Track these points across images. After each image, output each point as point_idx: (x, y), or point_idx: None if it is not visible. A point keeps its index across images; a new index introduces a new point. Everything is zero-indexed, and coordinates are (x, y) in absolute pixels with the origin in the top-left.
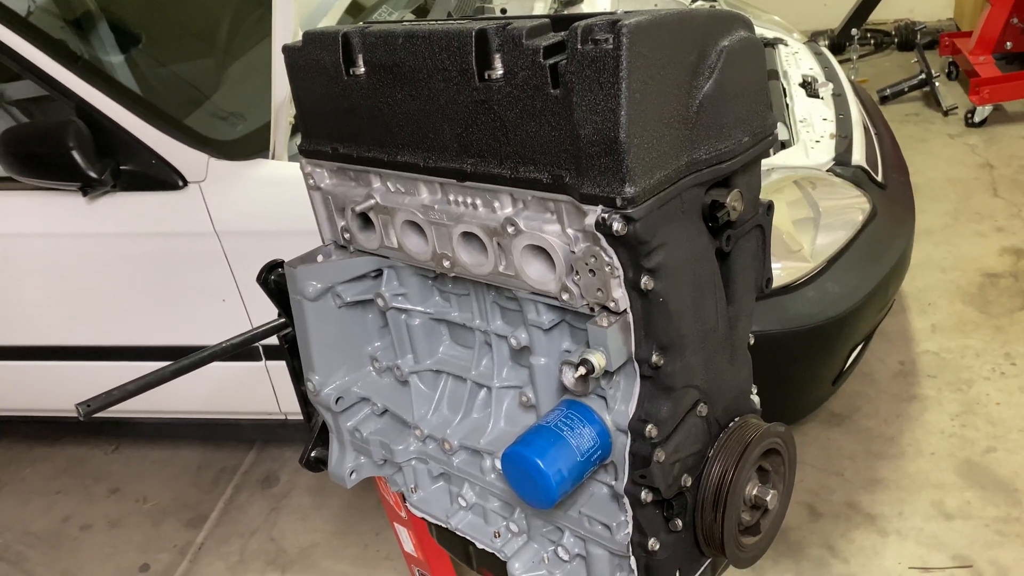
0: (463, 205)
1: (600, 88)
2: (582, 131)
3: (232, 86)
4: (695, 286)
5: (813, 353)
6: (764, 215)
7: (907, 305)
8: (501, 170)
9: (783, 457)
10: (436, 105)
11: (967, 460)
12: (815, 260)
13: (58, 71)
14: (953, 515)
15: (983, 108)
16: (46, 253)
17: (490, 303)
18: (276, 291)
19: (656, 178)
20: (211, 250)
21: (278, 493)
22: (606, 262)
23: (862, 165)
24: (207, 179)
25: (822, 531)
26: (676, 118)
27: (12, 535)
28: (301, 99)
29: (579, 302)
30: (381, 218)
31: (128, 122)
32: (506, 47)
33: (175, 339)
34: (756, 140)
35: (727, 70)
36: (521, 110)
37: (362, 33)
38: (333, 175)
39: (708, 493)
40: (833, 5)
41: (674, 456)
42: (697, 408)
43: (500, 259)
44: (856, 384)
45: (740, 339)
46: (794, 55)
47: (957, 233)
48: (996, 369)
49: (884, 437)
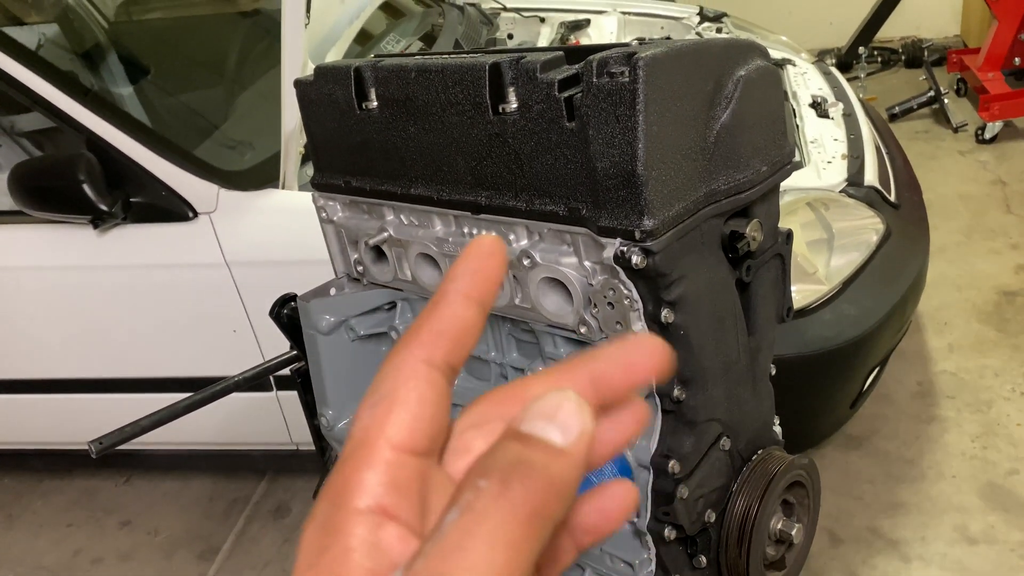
0: None
1: (617, 121)
2: (599, 164)
3: (241, 116)
4: (716, 318)
5: (831, 376)
6: (783, 244)
7: (923, 324)
8: (516, 203)
9: (807, 489)
10: (450, 138)
11: (989, 482)
12: (830, 282)
13: (68, 104)
14: (977, 539)
15: (993, 124)
16: (57, 286)
17: (506, 335)
18: (289, 325)
19: (675, 210)
20: (222, 281)
21: (290, 524)
22: (625, 295)
23: (875, 185)
24: (217, 210)
25: (843, 557)
26: (694, 149)
27: (24, 569)
28: (313, 133)
29: (598, 335)
30: (395, 251)
31: (138, 154)
32: (520, 80)
33: (186, 370)
34: (774, 169)
35: (744, 100)
36: (536, 143)
37: (374, 67)
38: (346, 208)
39: (732, 528)
40: (839, 24)
41: (698, 492)
42: (720, 442)
43: (516, 291)
44: (874, 406)
45: (762, 370)
46: (803, 75)
47: (971, 251)
48: (1016, 389)
49: (904, 460)
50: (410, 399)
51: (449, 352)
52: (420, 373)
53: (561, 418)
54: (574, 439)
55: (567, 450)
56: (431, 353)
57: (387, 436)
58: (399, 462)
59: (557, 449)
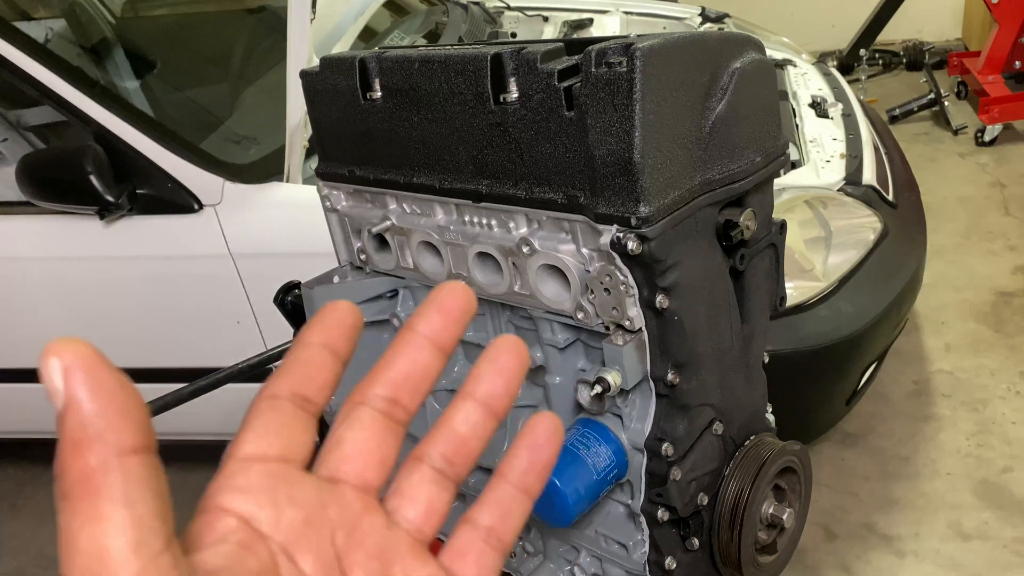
0: (478, 226)
1: (614, 110)
2: (597, 152)
3: (246, 111)
4: (710, 304)
5: (826, 372)
6: (777, 234)
7: (920, 324)
8: (516, 191)
9: (799, 476)
10: (452, 128)
11: (984, 480)
12: (827, 279)
13: (77, 97)
14: (971, 536)
15: (993, 127)
16: (64, 276)
17: (505, 322)
18: (293, 312)
19: (670, 198)
20: (226, 272)
21: None
22: (621, 281)
23: (873, 184)
24: (222, 202)
25: (838, 552)
26: (689, 139)
27: (27, 557)
28: (318, 123)
29: (594, 321)
30: (397, 239)
31: (145, 147)
32: (521, 71)
33: (190, 361)
34: (768, 160)
35: (739, 91)
36: (536, 132)
37: (379, 58)
38: (350, 197)
39: (724, 512)
40: (841, 26)
41: (690, 474)
42: (713, 426)
43: (515, 279)
44: (870, 404)
45: (755, 357)
46: (803, 76)
47: (969, 252)
48: (1011, 388)
49: (899, 457)
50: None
51: (295, 384)
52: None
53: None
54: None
55: None
56: (276, 389)
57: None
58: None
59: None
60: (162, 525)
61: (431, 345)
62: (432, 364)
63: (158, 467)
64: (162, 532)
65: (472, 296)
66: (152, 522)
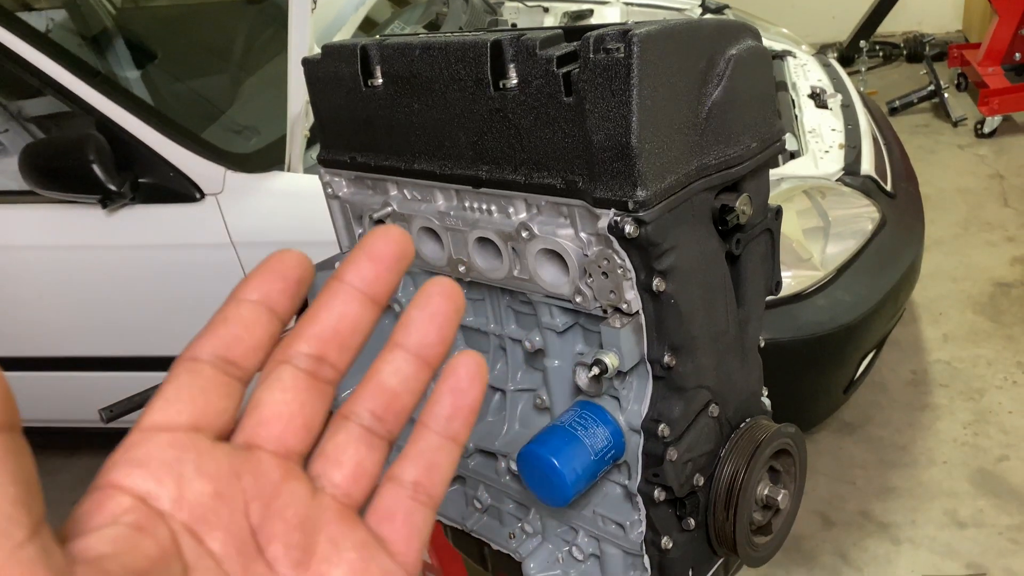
0: (478, 211)
1: (612, 95)
2: (595, 137)
3: (247, 101)
4: (706, 288)
5: (824, 361)
6: (773, 219)
7: (918, 315)
8: (515, 176)
9: (794, 458)
10: (452, 114)
11: (980, 469)
12: (825, 269)
13: (79, 86)
14: (966, 523)
15: (993, 119)
16: (66, 264)
17: (504, 307)
18: None
19: (667, 182)
20: (228, 261)
21: None
22: (618, 264)
23: (871, 175)
24: (224, 191)
25: (835, 539)
26: (686, 124)
27: None
28: (320, 110)
29: (592, 304)
30: (398, 225)
31: (147, 136)
32: (520, 57)
33: None
34: (764, 146)
35: (735, 77)
36: (535, 118)
37: (380, 46)
38: (351, 184)
39: (720, 492)
40: (842, 18)
41: (687, 455)
42: (709, 408)
43: (515, 263)
44: (868, 393)
45: (751, 341)
46: (803, 67)
47: (968, 243)
48: (1008, 378)
49: (896, 446)
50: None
51: (220, 346)
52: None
53: None
54: None
55: None
56: (197, 351)
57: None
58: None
59: None
60: (24, 513)
61: (361, 296)
62: (363, 317)
63: (21, 447)
64: (24, 521)
65: (408, 241)
66: (9, 509)
